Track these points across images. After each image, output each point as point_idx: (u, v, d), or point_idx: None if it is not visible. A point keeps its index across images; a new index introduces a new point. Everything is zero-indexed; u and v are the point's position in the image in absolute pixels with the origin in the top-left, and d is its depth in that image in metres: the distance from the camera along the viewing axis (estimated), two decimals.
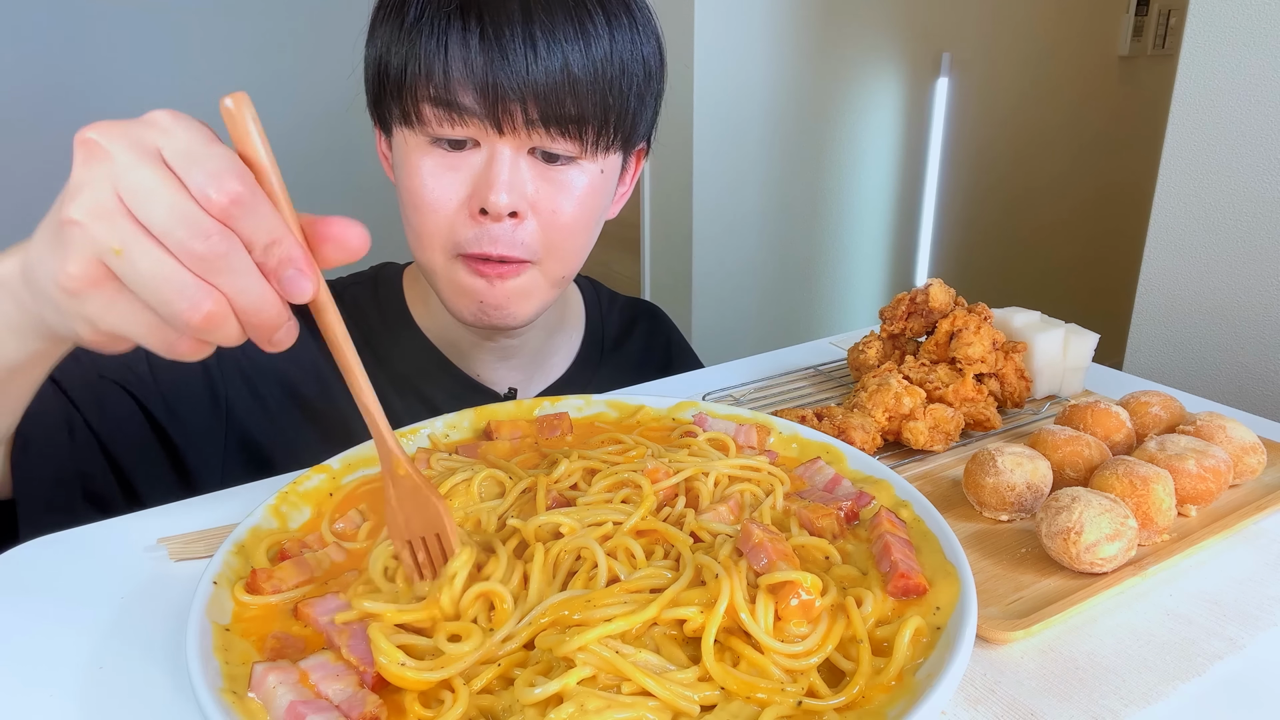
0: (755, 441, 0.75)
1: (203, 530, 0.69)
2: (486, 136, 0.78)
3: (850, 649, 0.49)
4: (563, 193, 0.82)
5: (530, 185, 0.80)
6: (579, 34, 0.76)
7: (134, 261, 0.43)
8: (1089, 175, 3.20)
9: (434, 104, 0.77)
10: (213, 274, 0.43)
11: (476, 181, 0.79)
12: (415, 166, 0.80)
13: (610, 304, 1.13)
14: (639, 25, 0.82)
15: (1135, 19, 3.02)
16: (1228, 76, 1.38)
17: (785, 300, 2.71)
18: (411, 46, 0.77)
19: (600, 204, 0.86)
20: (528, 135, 0.78)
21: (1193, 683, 0.54)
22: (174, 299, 0.43)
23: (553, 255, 0.84)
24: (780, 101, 2.46)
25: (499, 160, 0.78)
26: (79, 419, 0.77)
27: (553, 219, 0.82)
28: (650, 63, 0.84)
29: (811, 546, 0.58)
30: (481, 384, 0.98)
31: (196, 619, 0.50)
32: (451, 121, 0.77)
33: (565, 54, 0.76)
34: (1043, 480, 0.70)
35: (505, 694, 0.46)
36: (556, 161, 0.81)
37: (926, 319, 0.95)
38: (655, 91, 0.87)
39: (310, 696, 0.46)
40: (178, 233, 0.42)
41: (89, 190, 0.43)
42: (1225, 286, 1.44)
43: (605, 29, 0.78)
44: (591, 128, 0.80)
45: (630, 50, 0.81)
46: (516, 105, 0.76)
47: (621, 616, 0.49)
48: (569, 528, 0.58)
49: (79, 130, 0.44)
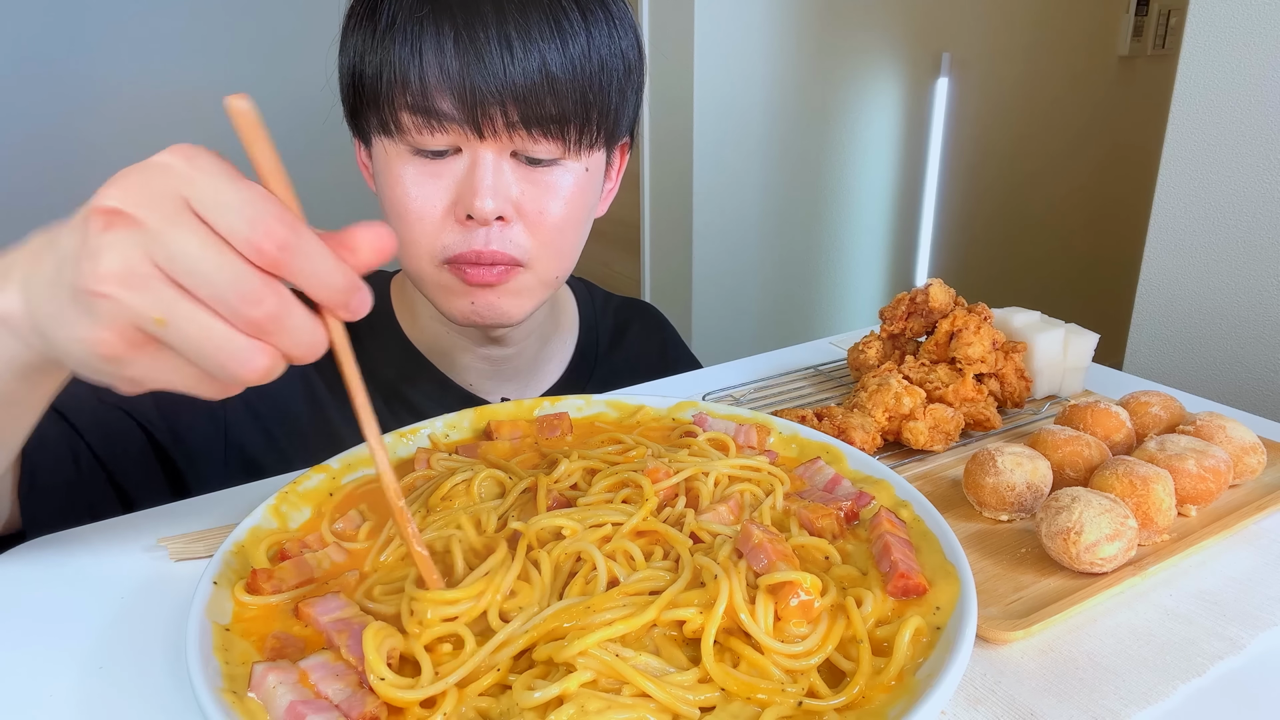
0: (755, 441, 0.75)
1: (203, 530, 0.69)
2: (467, 142, 0.77)
3: (850, 649, 0.49)
4: (548, 194, 0.81)
5: (515, 188, 0.79)
6: (555, 32, 0.75)
7: (180, 329, 0.40)
8: (1089, 175, 3.20)
9: (412, 111, 0.76)
10: (267, 334, 0.41)
11: (460, 188, 0.78)
12: (397, 176, 0.79)
13: (604, 305, 1.12)
14: (615, 19, 0.81)
15: (1135, 19, 3.02)
16: (1228, 76, 1.38)
17: (785, 300, 2.71)
18: (385, 54, 0.76)
19: (587, 202, 0.86)
20: (509, 138, 0.77)
21: (1192, 683, 0.54)
22: (227, 361, 0.41)
23: (544, 256, 0.83)
24: (780, 101, 2.46)
25: (481, 165, 0.77)
26: (83, 447, 0.76)
27: (540, 220, 0.81)
28: (629, 56, 0.82)
29: (811, 547, 0.58)
30: (474, 395, 0.97)
31: (196, 619, 0.50)
32: (431, 129, 0.76)
33: (542, 53, 0.75)
34: (1043, 480, 0.70)
35: (504, 697, 0.46)
36: (540, 164, 0.80)
37: (926, 319, 0.95)
38: (635, 85, 0.86)
39: (310, 696, 0.46)
40: (229, 299, 0.40)
41: (116, 257, 0.40)
42: (1225, 286, 1.44)
43: (581, 26, 0.77)
44: (573, 126, 0.79)
45: (608, 45, 0.79)
46: (496, 108, 0.75)
47: (621, 620, 0.49)
48: (571, 530, 0.58)
49: (96, 198, 0.41)
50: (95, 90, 2.41)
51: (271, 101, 2.78)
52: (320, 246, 0.42)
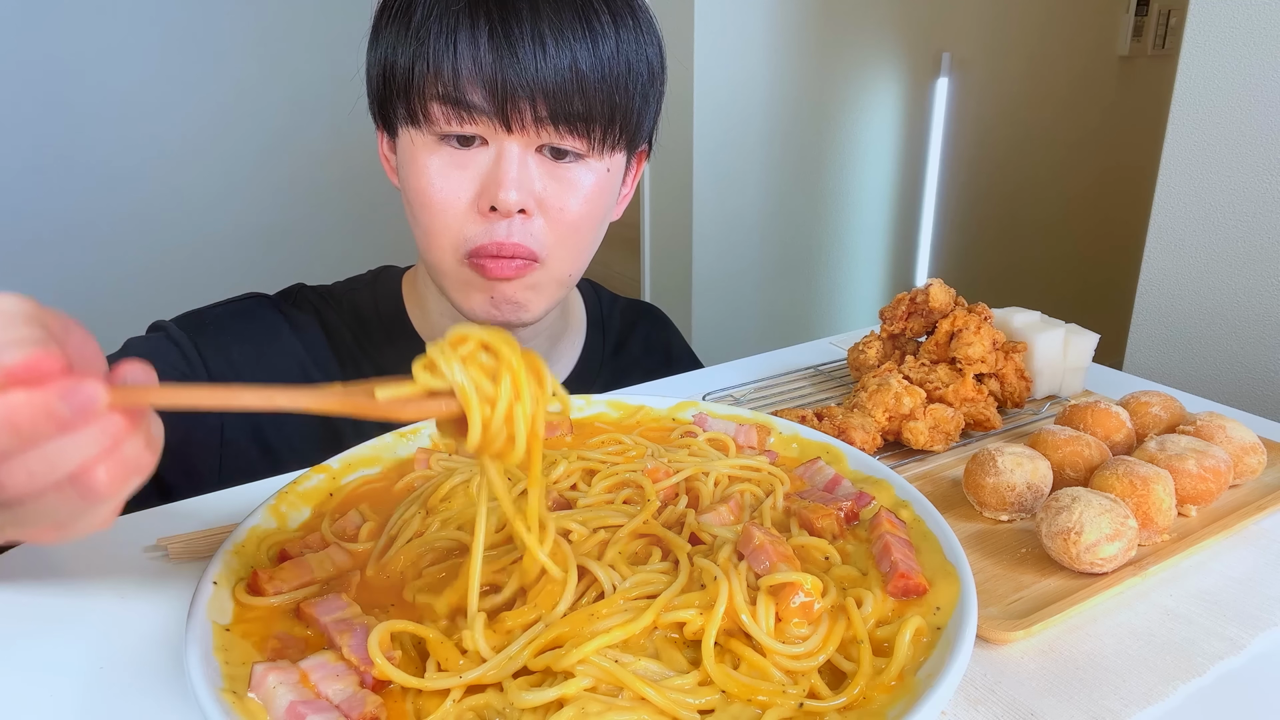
0: (755, 441, 0.75)
1: (203, 530, 0.69)
2: (495, 134, 0.79)
3: (851, 649, 0.49)
4: (570, 190, 0.82)
5: (538, 183, 0.81)
6: (586, 32, 0.77)
7: None
8: (1089, 175, 3.20)
9: (442, 102, 0.77)
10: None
11: (485, 179, 0.80)
12: (423, 166, 0.81)
13: (611, 306, 1.13)
14: (642, 26, 0.83)
15: (1135, 19, 3.02)
16: (1228, 76, 1.38)
17: (785, 300, 2.71)
18: (419, 46, 0.77)
19: (606, 203, 0.87)
20: (536, 133, 0.79)
21: (1192, 683, 0.54)
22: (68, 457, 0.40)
23: (559, 252, 0.84)
24: (780, 101, 2.46)
25: (508, 158, 0.79)
26: None
27: (560, 216, 0.82)
28: (653, 64, 0.85)
29: (811, 547, 0.58)
30: None
31: (196, 619, 0.50)
32: (460, 119, 0.78)
33: (574, 52, 0.76)
34: (1043, 480, 0.70)
35: (501, 698, 0.46)
36: (564, 159, 0.82)
37: (926, 319, 0.95)
38: (657, 93, 0.88)
39: (310, 696, 0.46)
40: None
41: None
42: (1225, 286, 1.44)
43: (611, 28, 0.79)
44: (599, 126, 0.80)
45: (635, 50, 0.81)
46: (525, 103, 0.76)
47: (618, 627, 0.48)
48: (579, 533, 0.58)
49: None
50: (96, 90, 2.41)
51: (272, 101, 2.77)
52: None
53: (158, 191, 2.56)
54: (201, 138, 2.58)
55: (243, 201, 2.69)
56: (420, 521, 0.62)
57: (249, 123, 2.61)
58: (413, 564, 0.58)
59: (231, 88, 2.57)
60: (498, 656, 0.48)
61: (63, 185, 2.43)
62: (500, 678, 0.47)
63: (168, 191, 2.58)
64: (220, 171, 2.63)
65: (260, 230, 2.73)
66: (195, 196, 2.62)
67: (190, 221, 2.63)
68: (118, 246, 2.54)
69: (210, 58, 2.54)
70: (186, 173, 2.59)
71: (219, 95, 2.56)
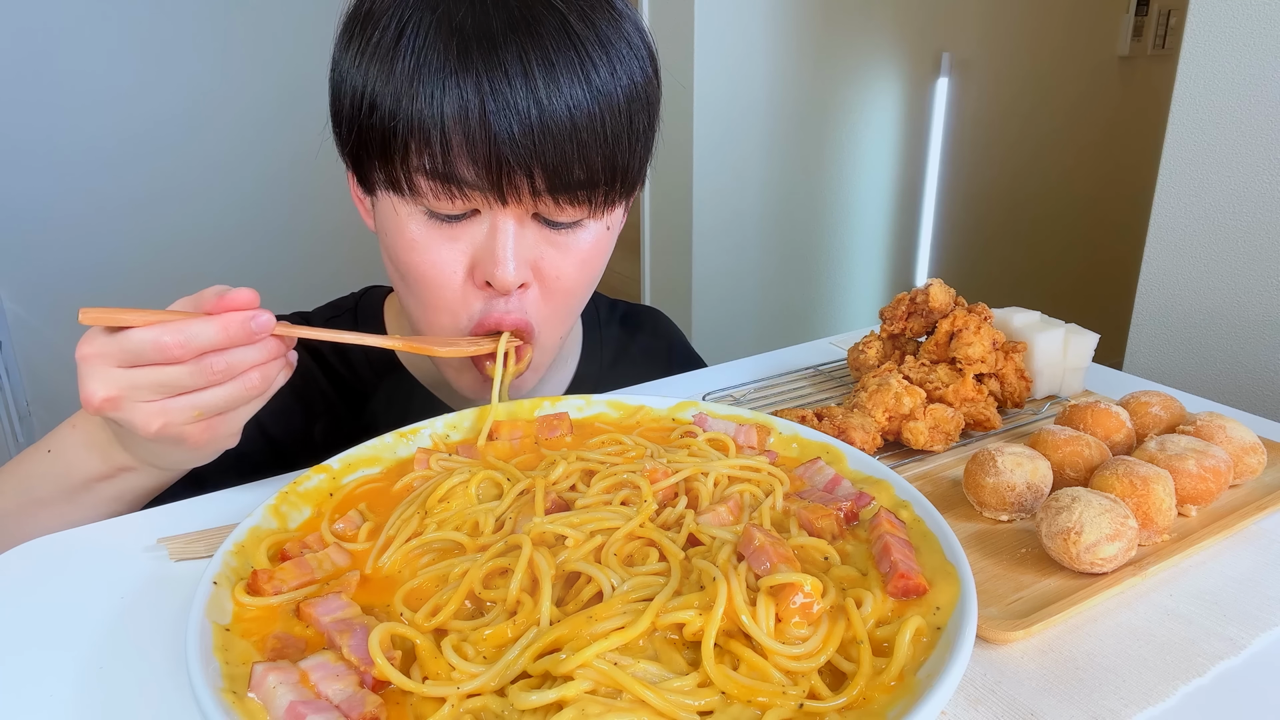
0: (755, 442, 0.75)
1: (203, 530, 0.69)
2: (489, 207, 0.73)
3: (851, 650, 0.49)
4: (567, 255, 0.77)
5: (534, 250, 0.76)
6: (584, 85, 0.70)
7: (208, 404, 0.63)
8: (1089, 175, 3.20)
9: (430, 176, 0.70)
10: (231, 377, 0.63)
11: (479, 253, 0.74)
12: (411, 240, 0.74)
13: (610, 314, 1.09)
14: (641, 60, 0.75)
15: (1135, 19, 3.02)
16: (1228, 76, 1.38)
17: (785, 300, 2.71)
18: (407, 102, 0.69)
19: (602, 262, 0.82)
20: (533, 203, 0.73)
21: (1192, 683, 0.54)
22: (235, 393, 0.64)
23: (551, 322, 0.81)
24: (780, 102, 2.46)
25: (503, 232, 0.73)
26: None
27: (555, 284, 0.78)
28: (652, 101, 0.78)
29: (810, 547, 0.58)
30: None
31: (196, 619, 0.50)
32: (451, 195, 0.71)
33: (573, 117, 0.69)
34: (1043, 480, 0.70)
35: (500, 700, 0.46)
36: (561, 226, 0.76)
37: (926, 319, 0.95)
38: (655, 127, 0.80)
39: (310, 696, 0.46)
40: (202, 381, 0.62)
41: (151, 415, 0.62)
42: (1225, 286, 1.44)
43: (609, 71, 0.71)
44: (600, 190, 0.74)
45: (638, 101, 0.74)
46: (523, 178, 0.70)
47: (616, 632, 0.48)
48: (574, 540, 0.58)
49: (87, 400, 0.61)
50: (95, 89, 2.41)
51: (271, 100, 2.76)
52: (202, 327, 0.60)
53: (135, 182, 2.52)
54: (202, 135, 2.57)
55: (224, 195, 2.63)
56: (419, 522, 0.62)
57: (233, 112, 2.56)
58: (408, 565, 0.58)
59: (231, 88, 2.56)
60: (497, 664, 0.48)
61: (65, 185, 2.42)
62: (500, 684, 0.47)
63: (148, 182, 2.53)
64: (202, 164, 2.58)
65: (238, 227, 2.68)
66: (177, 187, 2.57)
67: (172, 214, 2.59)
68: (95, 238, 2.49)
69: (209, 58, 2.54)
70: (167, 162, 2.54)
71: (202, 85, 2.53)
